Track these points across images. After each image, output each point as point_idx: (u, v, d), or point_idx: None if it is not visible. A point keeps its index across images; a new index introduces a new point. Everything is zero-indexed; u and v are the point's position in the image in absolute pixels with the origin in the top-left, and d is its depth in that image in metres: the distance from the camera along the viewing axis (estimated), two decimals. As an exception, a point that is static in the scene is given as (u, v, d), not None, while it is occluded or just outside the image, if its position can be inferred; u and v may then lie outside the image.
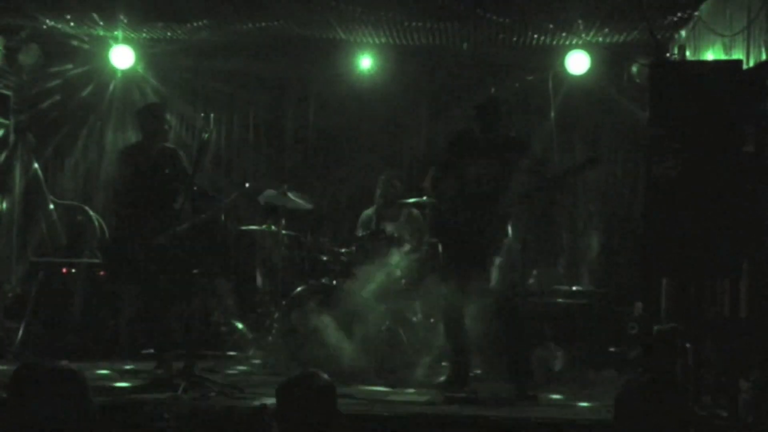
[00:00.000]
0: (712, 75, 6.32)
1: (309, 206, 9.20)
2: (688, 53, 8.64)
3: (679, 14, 8.59)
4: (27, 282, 9.50)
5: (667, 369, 6.53)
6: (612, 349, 8.70)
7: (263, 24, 9.54)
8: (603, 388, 7.56)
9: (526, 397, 7.03)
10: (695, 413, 5.89)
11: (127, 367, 8.40)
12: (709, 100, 6.06)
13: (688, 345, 6.42)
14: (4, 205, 9.91)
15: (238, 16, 9.35)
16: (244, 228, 9.59)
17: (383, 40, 9.98)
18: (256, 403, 5.90)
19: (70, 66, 10.40)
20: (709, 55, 7.87)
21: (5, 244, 10.11)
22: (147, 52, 10.36)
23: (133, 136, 10.77)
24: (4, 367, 7.58)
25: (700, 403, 6.18)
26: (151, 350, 8.74)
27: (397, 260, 8.52)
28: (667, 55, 9.11)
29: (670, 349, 6.59)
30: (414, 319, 8.96)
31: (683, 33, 8.92)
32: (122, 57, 10.11)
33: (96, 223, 9.62)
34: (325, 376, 3.94)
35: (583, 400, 6.96)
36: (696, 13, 8.35)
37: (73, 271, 8.90)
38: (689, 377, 6.35)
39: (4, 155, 8.21)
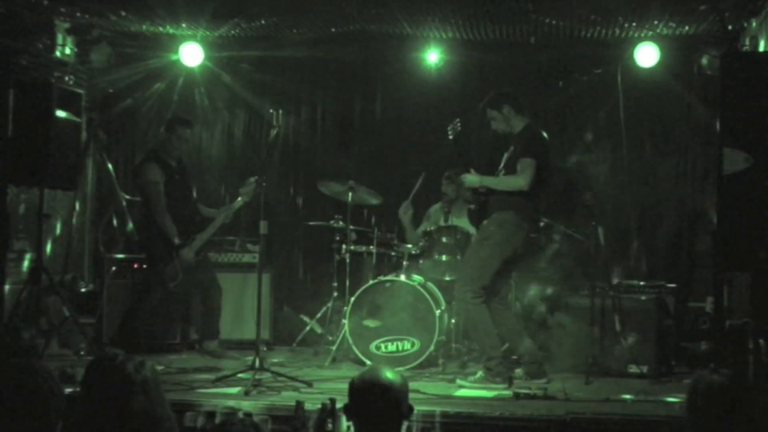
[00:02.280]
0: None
1: (376, 201, 9.23)
2: (760, 44, 8.49)
3: (750, 4, 8.45)
4: (99, 278, 9.65)
5: (740, 365, 6.45)
6: (683, 344, 8.61)
7: (331, 20, 9.58)
8: (675, 383, 7.51)
9: None
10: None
11: (196, 360, 8.53)
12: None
13: (761, 341, 6.32)
14: (78, 202, 10.04)
15: (307, 13, 9.39)
16: (311, 223, 9.64)
17: (450, 34, 9.94)
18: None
19: (140, 64, 10.50)
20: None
21: (78, 241, 10.27)
22: (216, 49, 10.43)
23: (212, 134, 10.97)
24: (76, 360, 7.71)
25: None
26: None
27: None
28: (739, 46, 8.98)
29: (742, 344, 6.50)
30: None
31: (755, 23, 8.76)
32: (192, 54, 10.16)
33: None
34: (397, 371, 3.94)
35: (655, 397, 6.90)
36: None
37: (145, 266, 9.01)
38: (762, 373, 6.25)
39: (76, 152, 8.34)
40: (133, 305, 8.74)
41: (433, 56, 10.27)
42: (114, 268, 9.25)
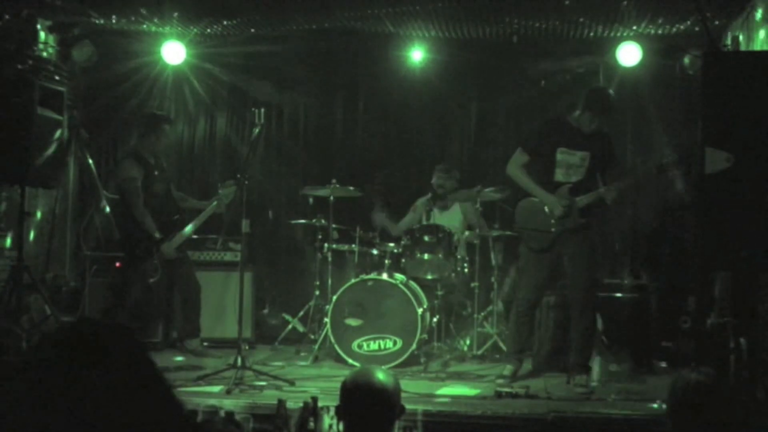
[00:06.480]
0: (766, 65, 6.22)
1: (358, 193, 9.16)
2: (742, 43, 8.53)
3: (732, 3, 8.48)
4: (81, 275, 9.62)
5: (721, 364, 6.47)
6: (665, 344, 8.63)
7: (313, 18, 9.57)
8: (655, 382, 7.53)
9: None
10: (750, 409, 5.83)
11: (178, 359, 8.53)
12: (763, 91, 5.97)
13: (742, 339, 6.34)
14: (59, 200, 9.99)
15: (289, 10, 9.37)
16: (293, 222, 9.63)
17: (433, 33, 9.94)
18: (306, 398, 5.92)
19: (122, 62, 10.47)
20: (764, 46, 7.77)
21: (60, 239, 10.22)
22: (198, 48, 10.40)
23: (194, 132, 10.95)
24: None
25: (754, 399, 6.11)
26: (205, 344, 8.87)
27: (447, 253, 8.53)
28: (720, 45, 9.00)
29: (723, 343, 6.52)
30: (464, 313, 8.99)
31: (736, 23, 8.80)
32: (173, 53, 10.15)
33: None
34: (389, 372, 3.91)
35: (636, 396, 6.91)
36: (750, 2, 8.24)
37: (124, 263, 8.97)
38: (743, 372, 6.28)
39: (57, 150, 8.28)
40: (114, 303, 8.70)
41: (417, 55, 10.27)
42: (95, 266, 9.23)
